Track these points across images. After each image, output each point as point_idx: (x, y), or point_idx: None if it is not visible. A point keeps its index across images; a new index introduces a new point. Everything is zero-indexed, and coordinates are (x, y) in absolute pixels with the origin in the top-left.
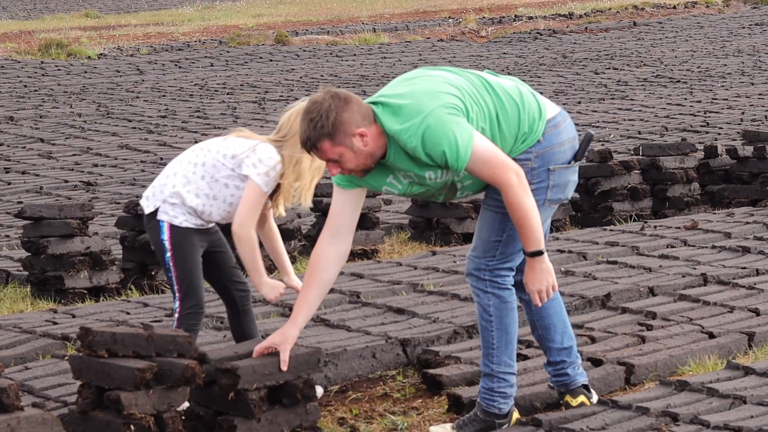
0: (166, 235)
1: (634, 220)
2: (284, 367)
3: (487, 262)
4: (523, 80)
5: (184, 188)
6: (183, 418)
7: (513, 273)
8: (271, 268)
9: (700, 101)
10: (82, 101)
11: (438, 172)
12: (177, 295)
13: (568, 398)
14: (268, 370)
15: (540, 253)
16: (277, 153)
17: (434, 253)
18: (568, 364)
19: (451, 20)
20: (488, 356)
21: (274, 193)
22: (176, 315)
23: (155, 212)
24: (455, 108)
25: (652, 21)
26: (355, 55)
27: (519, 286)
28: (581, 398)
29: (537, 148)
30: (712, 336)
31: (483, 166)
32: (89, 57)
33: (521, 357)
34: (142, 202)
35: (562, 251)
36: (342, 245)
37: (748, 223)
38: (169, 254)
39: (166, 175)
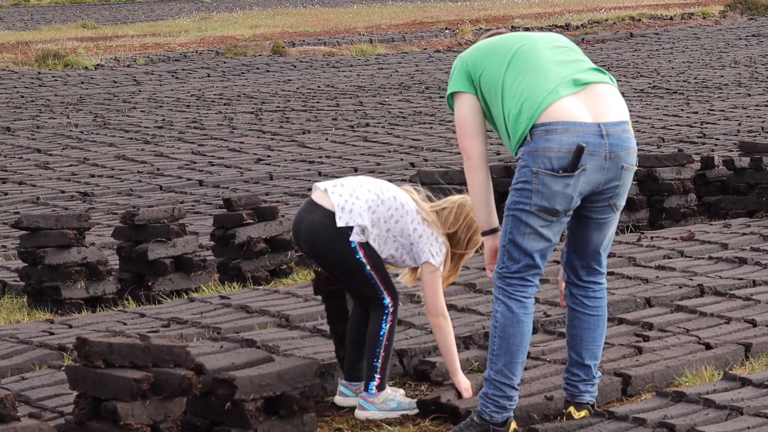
0: (361, 253)
1: (631, 231)
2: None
3: (499, 269)
4: None
5: (371, 227)
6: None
7: (529, 285)
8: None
9: (696, 112)
10: (79, 112)
11: None
12: (384, 294)
13: (571, 409)
14: (265, 381)
15: (488, 232)
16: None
17: None
18: (581, 380)
19: (447, 31)
20: (489, 362)
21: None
22: (390, 309)
23: (347, 228)
24: (465, 65)
25: (648, 32)
26: (351, 65)
27: (567, 287)
28: (584, 413)
29: (525, 147)
30: (708, 347)
31: (456, 127)
32: (86, 67)
33: None
34: (337, 210)
35: (558, 262)
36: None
37: (744, 234)
38: (368, 268)
39: (366, 203)
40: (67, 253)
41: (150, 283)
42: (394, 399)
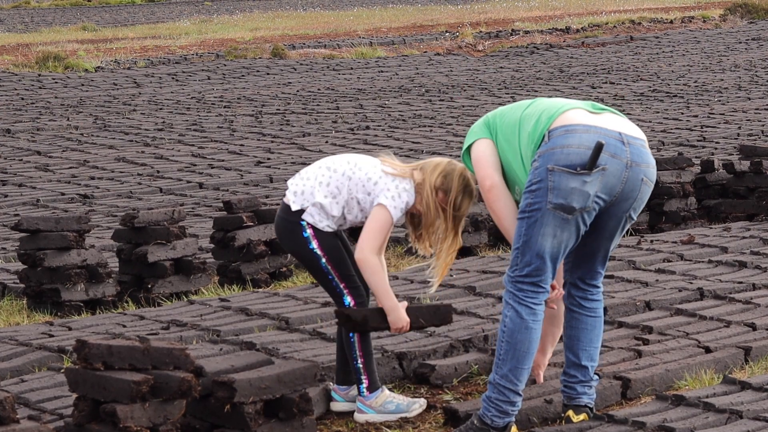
0: (314, 244)
1: (631, 235)
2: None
3: (511, 272)
4: (520, 95)
5: (326, 199)
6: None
7: (541, 292)
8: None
9: (696, 116)
10: (79, 114)
11: None
12: (344, 291)
13: (570, 413)
14: (265, 384)
15: None
16: (413, 193)
17: None
18: (578, 381)
19: (447, 34)
20: (496, 365)
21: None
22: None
23: (299, 211)
24: (486, 120)
25: (648, 35)
26: (351, 68)
27: (565, 288)
28: (583, 416)
29: (541, 147)
30: (708, 350)
31: (473, 164)
32: (86, 70)
33: None
34: (289, 195)
35: None
36: None
37: (744, 237)
38: (324, 260)
39: (317, 179)
40: (66, 255)
41: (150, 286)
42: (393, 401)
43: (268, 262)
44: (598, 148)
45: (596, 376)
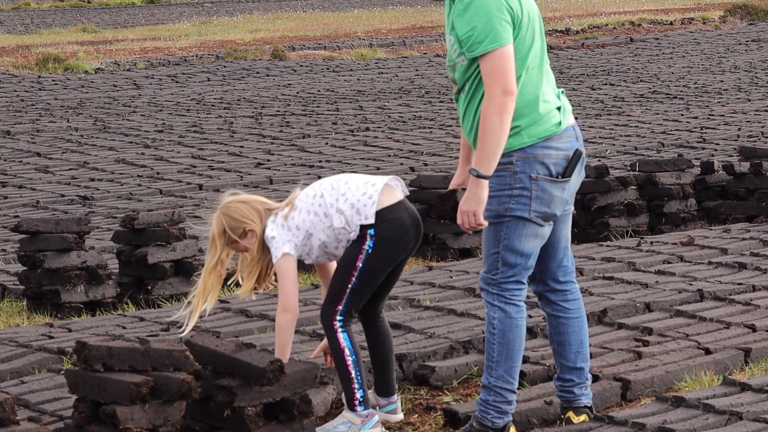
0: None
1: (631, 236)
2: None
3: (493, 276)
4: None
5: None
6: None
7: (523, 287)
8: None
9: (696, 117)
10: (79, 116)
11: (455, 42)
12: None
13: (570, 414)
14: (265, 387)
15: (483, 177)
16: None
17: (430, 269)
18: (575, 384)
19: None
20: (488, 368)
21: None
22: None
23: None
24: (510, 11)
25: (648, 37)
26: (351, 70)
27: (542, 297)
28: (584, 417)
29: (520, 153)
30: (708, 352)
31: (487, 66)
32: (86, 71)
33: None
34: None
35: None
36: None
37: (744, 239)
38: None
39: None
40: (66, 256)
41: (149, 287)
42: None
43: None
44: (577, 157)
45: (589, 375)
